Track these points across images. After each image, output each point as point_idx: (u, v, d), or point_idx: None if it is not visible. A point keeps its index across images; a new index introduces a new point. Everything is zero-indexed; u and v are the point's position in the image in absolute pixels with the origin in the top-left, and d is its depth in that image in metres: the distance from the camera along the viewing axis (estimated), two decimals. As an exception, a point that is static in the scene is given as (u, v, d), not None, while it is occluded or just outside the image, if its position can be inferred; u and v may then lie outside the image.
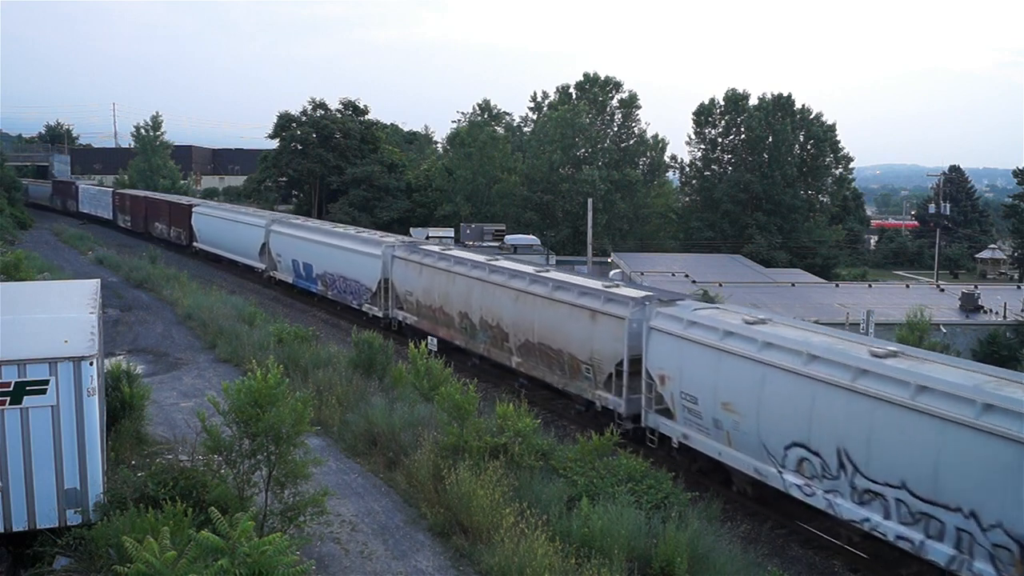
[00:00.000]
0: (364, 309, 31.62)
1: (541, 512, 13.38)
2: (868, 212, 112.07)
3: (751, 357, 15.65)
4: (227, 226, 45.84)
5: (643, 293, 20.21)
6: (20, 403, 11.37)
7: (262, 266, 41.35)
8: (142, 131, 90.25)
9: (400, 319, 29.37)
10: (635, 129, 70.74)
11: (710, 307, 19.10)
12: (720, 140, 70.99)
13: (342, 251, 33.36)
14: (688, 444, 17.50)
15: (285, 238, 38.82)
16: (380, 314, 30.41)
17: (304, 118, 73.53)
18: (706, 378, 16.77)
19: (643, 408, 18.74)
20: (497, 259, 26.71)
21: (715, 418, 16.51)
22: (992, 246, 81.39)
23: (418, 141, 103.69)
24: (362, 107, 76.01)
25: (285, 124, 73.52)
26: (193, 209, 51.34)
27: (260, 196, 75.97)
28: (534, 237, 57.03)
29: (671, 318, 18.01)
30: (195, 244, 50.83)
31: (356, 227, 42.18)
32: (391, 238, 33.13)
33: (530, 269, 24.17)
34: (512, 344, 23.24)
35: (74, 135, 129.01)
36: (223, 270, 46.50)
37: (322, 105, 74.33)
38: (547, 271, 24.19)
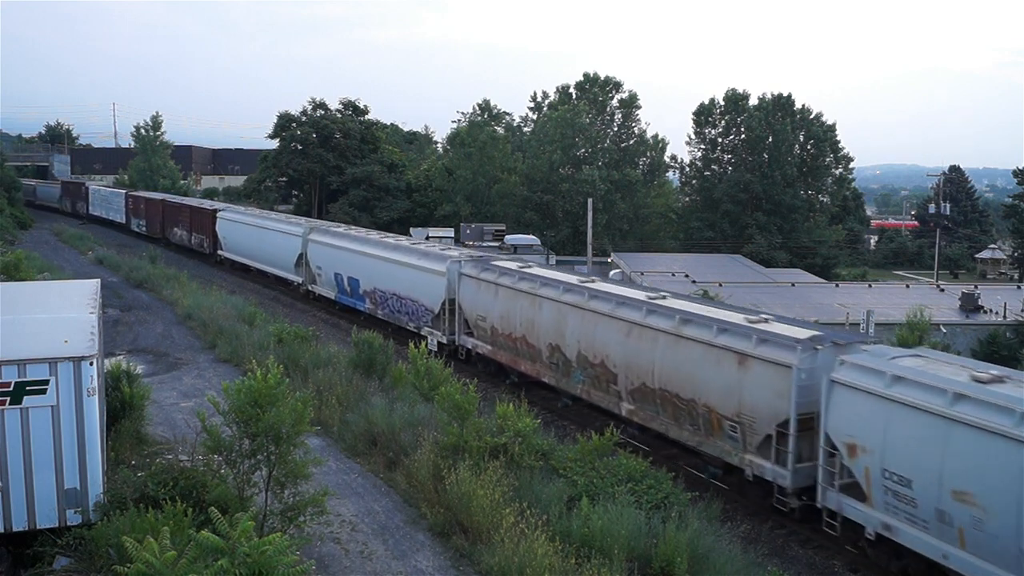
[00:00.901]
0: (424, 333, 27.64)
1: (541, 512, 13.39)
2: (868, 212, 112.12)
3: (1007, 434, 11.67)
4: (257, 234, 41.71)
5: (809, 332, 16.13)
6: (20, 403, 11.38)
7: (298, 279, 37.40)
8: (142, 131, 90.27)
9: (470, 347, 25.47)
10: (635, 129, 70.82)
11: (911, 354, 14.93)
12: (720, 140, 71.01)
13: (397, 266, 29.27)
14: (892, 537, 13.55)
15: (326, 249, 34.77)
16: (444, 340, 26.58)
17: (304, 118, 73.55)
18: (927, 455, 12.75)
19: (820, 483, 14.78)
20: (593, 280, 22.37)
21: (940, 509, 12.56)
22: (992, 246, 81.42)
23: (418, 141, 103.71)
24: (362, 107, 76.09)
25: (285, 124, 73.54)
26: (218, 214, 47.20)
27: (260, 196, 76.00)
28: (534, 237, 57.06)
29: (865, 370, 14.09)
30: (220, 252, 46.93)
31: (411, 238, 37.40)
32: (455, 251, 29.15)
33: (642, 295, 20.00)
34: (622, 387, 19.21)
35: (74, 135, 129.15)
36: (253, 280, 43.35)
37: (322, 105, 74.38)
38: (663, 297, 19.61)
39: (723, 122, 70.38)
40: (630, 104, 70.51)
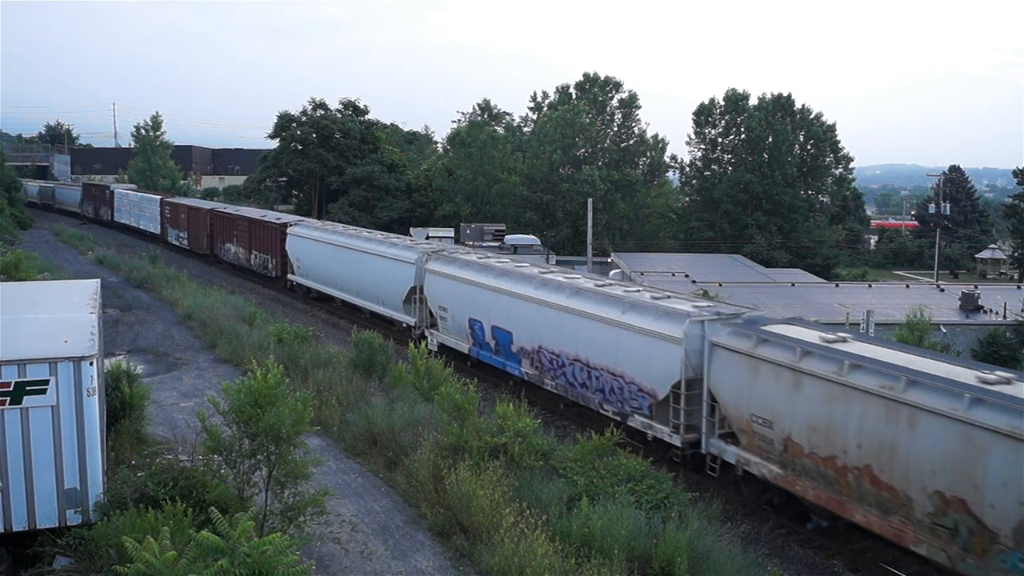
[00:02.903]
0: (635, 425, 18.63)
1: (541, 512, 13.40)
2: (868, 212, 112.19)
3: None
4: (346, 257, 33.13)
5: None
6: (20, 403, 11.38)
7: (410, 320, 28.50)
8: (142, 131, 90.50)
9: (732, 461, 16.40)
10: (635, 129, 70.84)
11: None
12: (720, 140, 71.01)
13: (584, 319, 20.01)
14: None
15: (455, 284, 25.55)
16: (676, 441, 17.51)
17: (304, 118, 73.63)
18: None
19: None
20: (1010, 380, 12.75)
21: None
22: (992, 246, 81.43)
23: (418, 141, 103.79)
24: (362, 107, 76.20)
25: (285, 124, 73.61)
26: (288, 230, 38.44)
27: (260, 196, 76.12)
28: (534, 237, 57.06)
29: None
30: (290, 277, 38.53)
31: (605, 278, 24.49)
32: (687, 304, 18.86)
33: None
34: None
35: (74, 135, 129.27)
36: (333, 311, 35.24)
37: (322, 105, 74.47)
38: None
39: (723, 122, 70.37)
40: (630, 104, 70.53)
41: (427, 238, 49.03)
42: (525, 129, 76.63)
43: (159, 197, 59.93)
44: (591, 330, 19.84)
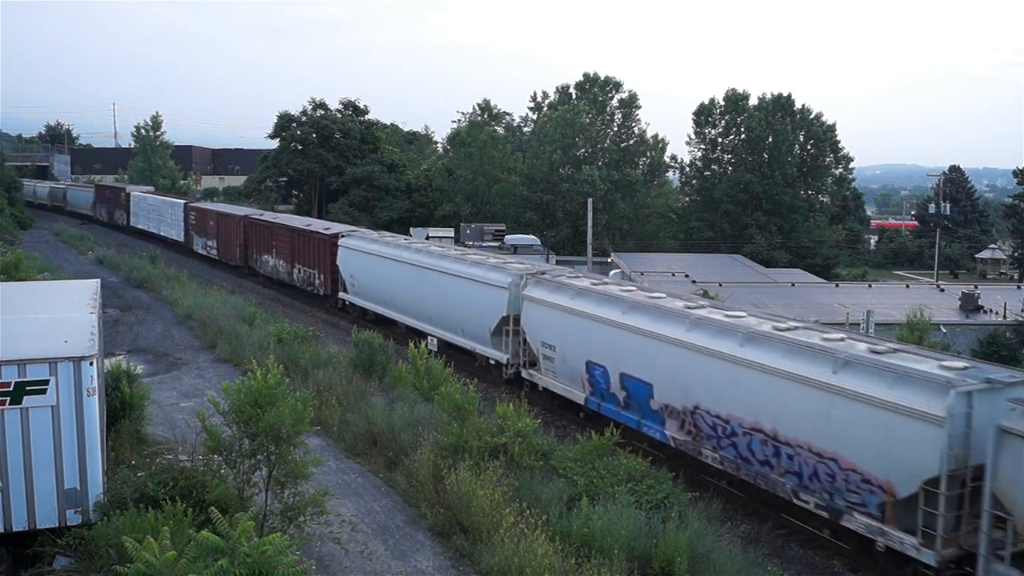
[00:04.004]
0: (853, 527, 13.98)
1: (541, 512, 13.41)
2: (868, 212, 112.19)
3: None
4: (417, 276, 27.95)
5: None
6: (20, 403, 11.38)
7: (501, 356, 23.66)
8: (142, 131, 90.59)
9: None
10: (635, 129, 70.83)
11: None
12: (720, 140, 70.97)
13: (770, 376, 15.17)
14: None
15: (566, 316, 20.66)
16: (929, 559, 12.69)
17: (304, 118, 73.63)
18: None
19: None
20: None
21: None
22: (992, 246, 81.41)
23: (418, 141, 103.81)
24: (362, 107, 76.21)
25: (285, 124, 73.61)
26: (340, 242, 33.62)
27: (260, 196, 76.15)
28: (534, 237, 57.05)
29: None
30: (342, 295, 33.81)
31: (787, 316, 19.32)
32: (933, 367, 13.33)
33: None
34: None
35: (74, 135, 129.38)
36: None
37: (322, 105, 74.47)
38: None
39: (723, 122, 70.34)
40: (630, 104, 70.52)
41: (427, 238, 48.97)
42: (525, 129, 76.61)
43: (183, 201, 54.80)
44: (782, 392, 14.94)
